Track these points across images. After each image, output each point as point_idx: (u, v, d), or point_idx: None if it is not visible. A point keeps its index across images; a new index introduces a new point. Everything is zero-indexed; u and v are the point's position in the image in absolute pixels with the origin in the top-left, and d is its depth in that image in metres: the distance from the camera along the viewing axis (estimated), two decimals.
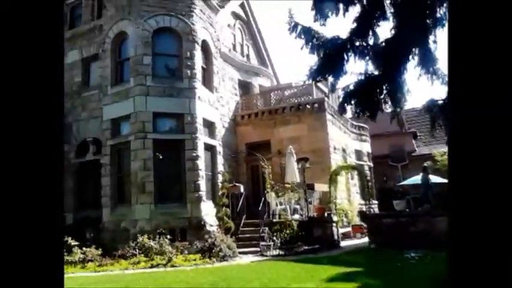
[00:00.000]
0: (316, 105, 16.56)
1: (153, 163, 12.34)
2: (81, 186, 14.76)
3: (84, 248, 10.70)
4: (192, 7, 14.28)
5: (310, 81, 10.11)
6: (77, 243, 10.62)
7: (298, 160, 14.22)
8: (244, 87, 19.07)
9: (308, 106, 16.68)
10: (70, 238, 10.52)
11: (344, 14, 7.70)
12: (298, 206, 14.28)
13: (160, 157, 12.33)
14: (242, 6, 20.64)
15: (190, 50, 13.74)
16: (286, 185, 14.13)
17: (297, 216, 13.61)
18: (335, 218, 13.14)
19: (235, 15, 20.00)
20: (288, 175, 14.04)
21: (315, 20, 7.99)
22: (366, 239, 13.26)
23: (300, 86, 17.99)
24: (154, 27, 13.51)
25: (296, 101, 17.30)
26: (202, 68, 14.41)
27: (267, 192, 14.02)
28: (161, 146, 12.67)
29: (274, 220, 13.25)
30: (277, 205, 13.94)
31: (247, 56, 20.57)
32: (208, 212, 12.88)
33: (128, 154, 12.69)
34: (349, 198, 17.35)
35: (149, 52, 13.26)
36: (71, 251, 10.41)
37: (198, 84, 13.77)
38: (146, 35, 13.30)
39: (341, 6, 7.64)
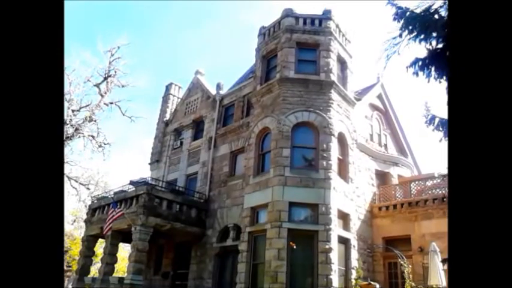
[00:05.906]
0: None
1: (286, 253, 12.56)
2: (220, 270, 15.78)
3: None
4: (330, 102, 15.12)
5: None
6: None
7: (444, 260, 12.74)
8: (382, 177, 18.56)
9: None
10: None
11: None
12: None
13: (294, 247, 12.51)
14: (380, 97, 20.90)
15: (326, 142, 14.30)
16: None
17: None
18: None
19: (373, 107, 20.27)
20: (431, 277, 12.62)
21: None
22: None
23: (444, 176, 16.67)
24: (294, 122, 14.62)
25: (440, 192, 15.97)
26: (338, 159, 14.72)
27: None
28: (295, 236, 12.88)
29: None
30: None
31: (385, 145, 20.25)
32: None
33: (263, 242, 13.21)
34: None
35: (288, 145, 14.23)
36: None
37: (334, 175, 14.00)
38: (286, 129, 14.44)
39: None
